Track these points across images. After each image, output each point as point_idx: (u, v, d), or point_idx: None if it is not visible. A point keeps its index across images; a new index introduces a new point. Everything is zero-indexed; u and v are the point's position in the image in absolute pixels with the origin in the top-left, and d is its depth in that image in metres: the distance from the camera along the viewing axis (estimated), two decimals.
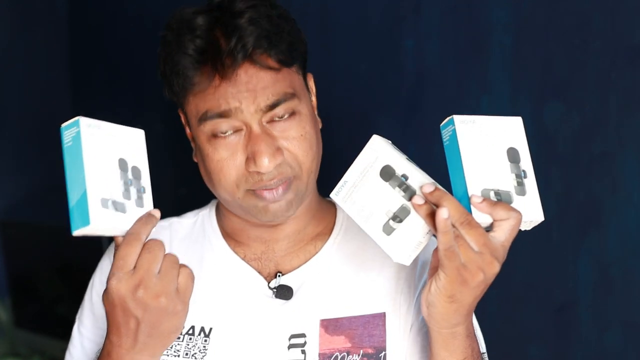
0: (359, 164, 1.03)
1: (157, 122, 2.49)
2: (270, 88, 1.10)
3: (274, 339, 1.14)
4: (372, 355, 1.12)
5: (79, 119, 0.99)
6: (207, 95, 1.11)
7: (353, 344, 1.12)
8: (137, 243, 0.99)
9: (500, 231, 0.96)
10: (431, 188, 0.96)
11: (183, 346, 1.15)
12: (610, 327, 1.51)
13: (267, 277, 1.19)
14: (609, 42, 1.50)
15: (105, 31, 2.77)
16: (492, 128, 1.01)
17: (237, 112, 1.10)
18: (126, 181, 1.02)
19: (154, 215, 1.02)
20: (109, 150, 1.01)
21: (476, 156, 0.99)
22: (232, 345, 1.14)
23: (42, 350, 2.69)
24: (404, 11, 1.83)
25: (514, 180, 1.00)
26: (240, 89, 1.09)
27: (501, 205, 0.96)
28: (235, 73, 1.09)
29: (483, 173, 0.98)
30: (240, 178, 1.12)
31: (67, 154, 1.00)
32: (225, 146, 1.12)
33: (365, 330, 1.13)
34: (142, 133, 1.07)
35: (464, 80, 1.74)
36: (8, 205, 2.82)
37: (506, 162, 1.00)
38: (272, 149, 1.10)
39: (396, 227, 0.99)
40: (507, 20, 1.65)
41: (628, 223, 1.48)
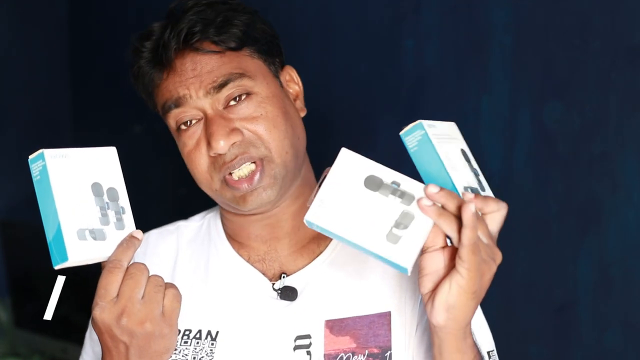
0: (334, 179, 0.97)
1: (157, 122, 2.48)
2: (216, 71, 1.13)
3: (280, 340, 1.14)
4: (378, 355, 1.12)
5: (43, 151, 0.97)
6: (162, 89, 1.16)
7: (358, 344, 1.12)
8: (118, 271, 0.99)
9: (492, 223, 0.95)
10: (437, 189, 0.94)
11: (191, 350, 1.15)
12: (610, 327, 1.51)
13: (272, 278, 1.19)
14: (609, 42, 1.50)
15: (105, 31, 2.77)
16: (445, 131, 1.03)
17: (188, 98, 1.13)
18: (102, 206, 1.00)
19: (135, 237, 1.02)
20: (80, 177, 0.99)
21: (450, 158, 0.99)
22: (239, 348, 1.14)
23: (42, 350, 2.69)
24: (404, 11, 1.83)
25: (474, 178, 1.01)
26: (187, 76, 1.14)
27: (490, 198, 0.96)
28: (175, 62, 1.14)
29: (459, 173, 0.98)
30: (210, 167, 1.14)
31: (38, 188, 0.98)
32: (189, 137, 1.15)
33: (370, 330, 1.13)
34: (113, 151, 1.04)
35: (464, 81, 1.74)
36: (8, 205, 2.82)
37: (464, 162, 1.01)
38: (226, 130, 1.12)
39: (402, 234, 0.95)
40: (507, 20, 1.65)
41: (628, 223, 1.48)
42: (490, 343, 1.16)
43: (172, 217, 1.32)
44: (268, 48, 1.19)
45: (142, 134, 2.56)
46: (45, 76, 2.92)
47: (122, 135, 2.59)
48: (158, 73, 1.16)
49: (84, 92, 2.89)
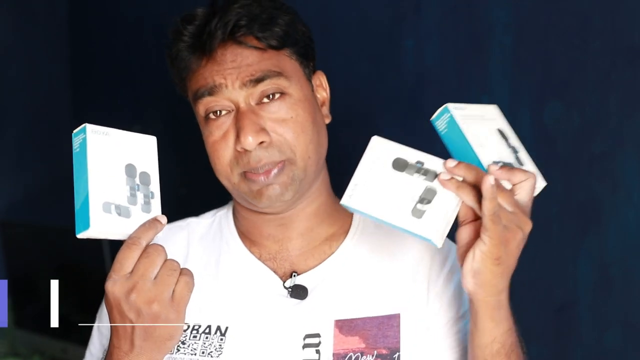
0: (366, 164, 1.04)
1: (157, 122, 2.49)
2: (255, 65, 1.14)
3: (289, 338, 1.14)
4: (386, 356, 1.12)
5: (86, 125, 1.03)
6: (197, 75, 1.16)
7: (367, 344, 1.13)
8: (136, 247, 1.00)
9: (522, 192, 1.00)
10: (454, 162, 0.99)
11: (199, 344, 1.15)
12: (610, 327, 1.51)
13: (283, 276, 1.20)
14: (609, 42, 1.50)
15: (106, 31, 2.78)
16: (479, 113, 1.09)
17: (223, 88, 1.14)
18: (132, 186, 1.03)
19: (159, 221, 1.04)
20: (116, 156, 1.03)
21: (478, 135, 1.05)
22: (248, 344, 1.15)
23: (42, 350, 2.69)
24: (404, 11, 1.83)
25: (511, 154, 1.06)
26: (225, 67, 1.14)
27: (517, 169, 1.02)
28: (217, 52, 1.14)
29: (488, 149, 1.04)
30: (232, 160, 1.15)
31: (75, 160, 1.03)
32: (217, 127, 1.15)
33: (379, 331, 1.13)
34: (154, 140, 1.08)
35: (464, 81, 1.74)
36: (8, 205, 2.82)
37: (501, 140, 1.07)
38: (257, 127, 1.13)
39: (426, 208, 1.00)
40: (507, 20, 1.65)
41: (628, 223, 1.48)
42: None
43: (172, 217, 1.31)
44: (305, 51, 1.21)
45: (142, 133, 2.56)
46: (45, 76, 2.92)
47: None
48: (196, 59, 1.17)
49: (84, 92, 2.89)
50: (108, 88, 2.77)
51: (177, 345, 1.15)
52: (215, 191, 1.31)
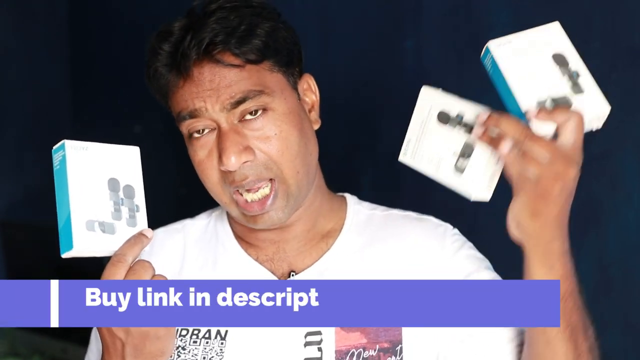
0: (416, 118, 1.06)
1: (158, 122, 2.49)
2: (234, 86, 1.10)
3: (290, 337, 1.14)
4: (389, 349, 1.12)
5: (64, 142, 1.00)
6: (177, 97, 1.13)
7: (369, 339, 1.13)
8: (122, 265, 0.99)
9: (566, 134, 0.96)
10: (486, 115, 0.99)
11: (200, 350, 1.15)
12: (610, 327, 1.51)
13: (281, 277, 1.19)
14: (609, 42, 1.50)
15: (105, 31, 2.78)
16: (530, 41, 1.02)
17: (203, 111, 1.10)
18: (117, 201, 1.01)
19: (145, 236, 1.02)
20: (97, 171, 1.01)
21: (522, 71, 1.00)
22: (249, 346, 1.14)
23: (42, 350, 2.69)
24: (404, 11, 1.83)
25: (567, 82, 1.00)
26: (204, 88, 1.10)
27: (558, 109, 0.97)
28: (194, 71, 1.10)
29: (533, 86, 1.00)
30: (220, 179, 1.13)
31: (56, 177, 1.01)
32: (201, 146, 1.13)
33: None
34: (136, 150, 1.05)
35: (464, 81, 1.74)
36: (8, 205, 2.82)
37: (555, 68, 1.01)
38: (239, 147, 1.10)
39: (466, 163, 1.00)
40: (507, 21, 1.65)
41: (628, 223, 1.48)
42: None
43: (172, 217, 1.32)
44: (288, 59, 1.16)
45: (142, 134, 2.56)
46: (45, 76, 2.92)
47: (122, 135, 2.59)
48: (174, 79, 1.13)
49: (84, 92, 2.89)
50: (108, 88, 2.77)
51: (177, 350, 1.15)
52: None
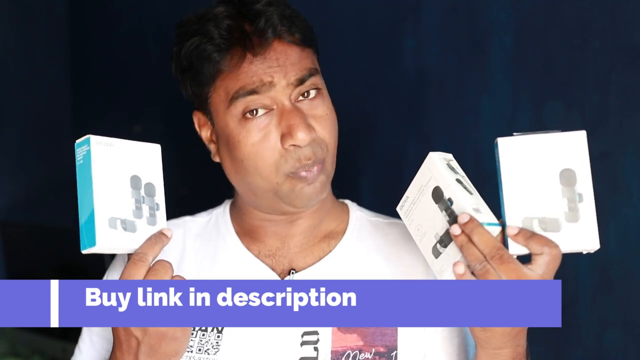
0: (417, 181, 1.02)
1: (158, 122, 2.49)
2: (298, 64, 1.15)
3: (287, 335, 1.14)
4: (384, 354, 1.12)
5: (90, 137, 1.00)
6: (239, 75, 1.13)
7: (365, 342, 1.13)
8: (143, 264, 1.00)
9: (537, 266, 0.95)
10: (466, 218, 0.95)
11: (196, 342, 1.15)
12: (610, 327, 1.51)
13: (281, 274, 1.20)
14: (609, 42, 1.50)
15: (106, 31, 2.77)
16: (546, 147, 0.96)
17: (269, 87, 1.12)
18: (138, 199, 1.02)
19: (164, 235, 1.03)
20: (120, 167, 1.01)
21: (520, 181, 0.94)
22: (245, 342, 1.15)
23: (42, 350, 2.69)
24: (404, 11, 1.83)
25: (565, 205, 0.95)
26: (272, 64, 1.13)
27: (536, 238, 0.93)
28: (265, 50, 1.13)
29: (526, 199, 0.94)
30: (279, 160, 1.13)
31: (79, 172, 1.01)
32: (257, 127, 1.13)
33: (377, 329, 1.14)
34: (158, 148, 1.07)
35: (464, 81, 1.74)
36: (8, 205, 2.82)
37: (558, 186, 0.95)
38: (306, 123, 1.13)
39: (442, 251, 0.98)
40: (507, 20, 1.65)
41: (628, 223, 1.48)
42: None
43: (172, 217, 1.32)
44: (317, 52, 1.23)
45: (142, 134, 2.56)
46: (45, 76, 2.92)
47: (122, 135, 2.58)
48: (233, 59, 1.14)
49: (84, 92, 2.89)
50: (108, 88, 2.77)
51: None
52: (215, 191, 1.31)
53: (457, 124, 1.73)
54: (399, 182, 1.80)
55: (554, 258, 0.95)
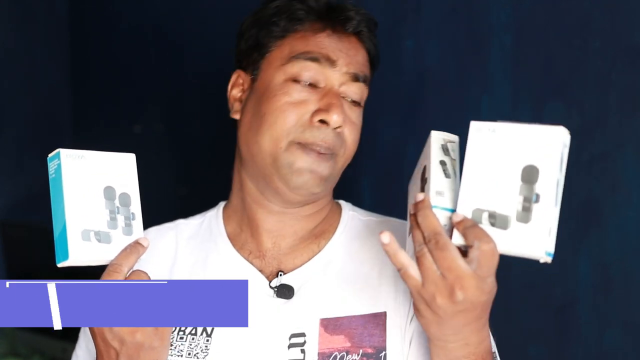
0: (420, 159, 1.03)
1: (158, 122, 2.49)
2: (362, 65, 1.21)
3: (275, 338, 1.14)
4: (372, 355, 1.12)
5: (60, 151, 1.00)
6: (311, 40, 1.18)
7: (352, 343, 1.12)
8: (117, 275, 1.00)
9: (470, 259, 0.90)
10: (419, 198, 0.93)
11: (186, 346, 1.15)
12: (610, 327, 1.51)
13: (269, 276, 1.19)
14: (609, 42, 1.50)
15: (106, 31, 2.77)
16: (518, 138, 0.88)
17: (330, 65, 1.17)
18: (112, 210, 1.01)
19: (141, 244, 1.03)
20: (93, 179, 1.01)
21: (482, 170, 0.89)
22: (234, 345, 1.14)
23: (42, 350, 2.69)
24: (404, 11, 1.83)
25: (519, 203, 0.88)
26: (343, 48, 1.18)
27: (473, 230, 0.89)
28: (344, 35, 1.19)
29: (482, 190, 0.89)
30: (296, 127, 1.14)
31: (52, 186, 1.02)
32: (297, 92, 1.16)
33: (365, 330, 1.13)
34: (132, 157, 1.05)
35: (464, 81, 1.74)
36: (8, 205, 2.82)
37: (517, 182, 0.88)
38: (344, 110, 1.17)
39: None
40: (507, 20, 1.65)
41: (628, 223, 1.48)
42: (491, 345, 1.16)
43: (172, 217, 1.32)
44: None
45: (142, 134, 2.56)
46: (45, 76, 2.92)
47: (122, 135, 2.59)
48: (315, 25, 1.19)
49: (84, 92, 2.89)
50: (108, 88, 2.77)
51: None
52: (215, 191, 1.31)
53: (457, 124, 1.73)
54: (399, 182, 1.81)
55: (485, 254, 0.88)
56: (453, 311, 0.92)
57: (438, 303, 0.91)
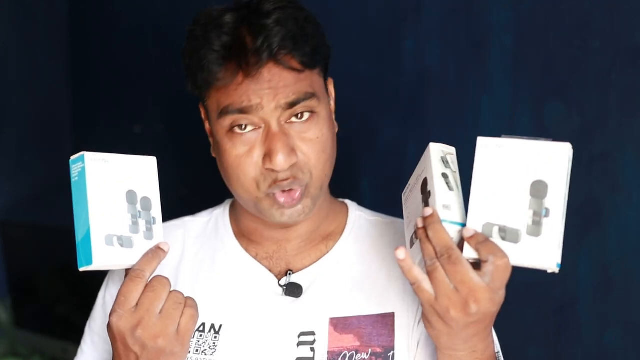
0: (417, 170, 1.00)
1: (158, 122, 2.49)
2: (292, 87, 1.11)
3: (284, 336, 1.14)
4: (381, 354, 1.12)
5: (84, 154, 0.99)
6: (229, 91, 1.12)
7: (362, 342, 1.13)
8: (140, 281, 1.00)
9: (485, 273, 0.91)
10: (428, 212, 0.93)
11: (193, 343, 1.16)
12: (610, 327, 1.51)
13: (278, 275, 1.20)
14: (609, 42, 1.50)
15: (106, 31, 2.77)
16: (526, 154, 0.91)
17: (258, 108, 1.10)
18: (134, 214, 1.01)
19: (162, 249, 1.03)
20: (116, 183, 1.00)
21: (490, 185, 0.91)
22: (242, 342, 1.15)
23: (42, 350, 2.70)
24: (404, 11, 1.83)
25: (530, 217, 0.91)
26: (263, 87, 1.10)
27: (486, 245, 0.91)
28: (259, 71, 1.10)
29: (492, 204, 0.91)
30: (258, 176, 1.13)
31: (74, 189, 1.00)
32: (242, 142, 1.12)
33: (374, 330, 1.14)
34: (153, 161, 1.06)
35: (464, 81, 1.74)
36: (8, 205, 2.82)
37: (526, 196, 0.90)
38: (288, 149, 1.11)
39: (415, 242, 0.97)
40: (507, 21, 1.65)
41: (628, 223, 1.48)
42: (495, 345, 1.16)
43: (172, 217, 1.32)
44: (326, 63, 1.20)
45: (142, 134, 2.56)
46: (45, 76, 2.92)
47: (122, 135, 2.59)
48: (228, 73, 1.12)
49: (84, 92, 2.89)
50: (108, 88, 2.77)
51: None
52: (215, 191, 1.31)
53: (457, 124, 1.73)
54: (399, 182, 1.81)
55: (499, 269, 0.90)
56: (466, 323, 0.93)
57: (452, 315, 0.92)
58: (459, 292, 0.91)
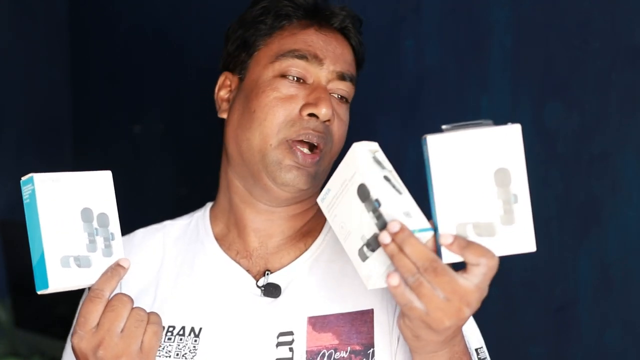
0: (340, 174, 0.93)
1: (157, 122, 2.49)
2: (349, 64, 1.22)
3: (263, 337, 1.14)
4: (360, 352, 1.12)
5: (33, 175, 0.97)
6: (299, 37, 1.20)
7: (340, 340, 1.12)
8: (99, 301, 0.98)
9: (472, 275, 0.89)
10: (396, 227, 0.88)
11: (174, 347, 1.15)
12: (610, 327, 1.51)
13: (256, 275, 1.20)
14: (609, 42, 1.50)
15: (106, 31, 2.77)
16: (479, 144, 0.87)
17: (317, 63, 1.18)
18: (91, 232, 0.98)
19: (121, 266, 1.01)
20: (69, 202, 0.98)
21: (452, 183, 0.87)
22: (222, 345, 1.14)
23: (42, 350, 2.69)
24: (404, 11, 1.83)
25: (500, 207, 0.87)
26: (329, 48, 1.20)
27: (472, 248, 0.88)
28: (330, 32, 1.21)
29: (459, 203, 0.87)
30: (286, 123, 1.16)
31: (27, 211, 0.98)
32: (286, 87, 1.17)
33: (352, 327, 1.13)
34: (108, 175, 1.02)
35: (464, 81, 1.74)
36: (8, 205, 2.82)
37: (493, 187, 0.87)
38: (332, 105, 1.18)
39: (369, 255, 0.91)
40: (507, 20, 1.65)
41: (628, 223, 1.48)
42: (478, 340, 1.16)
43: (172, 217, 1.32)
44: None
45: (142, 134, 2.57)
46: (45, 76, 2.92)
47: (122, 135, 2.59)
48: (302, 24, 1.21)
49: (84, 92, 2.89)
50: (108, 88, 2.77)
51: None
52: (215, 191, 1.31)
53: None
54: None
55: (492, 269, 0.88)
56: (458, 326, 0.92)
57: (447, 325, 0.90)
58: (450, 301, 0.88)
